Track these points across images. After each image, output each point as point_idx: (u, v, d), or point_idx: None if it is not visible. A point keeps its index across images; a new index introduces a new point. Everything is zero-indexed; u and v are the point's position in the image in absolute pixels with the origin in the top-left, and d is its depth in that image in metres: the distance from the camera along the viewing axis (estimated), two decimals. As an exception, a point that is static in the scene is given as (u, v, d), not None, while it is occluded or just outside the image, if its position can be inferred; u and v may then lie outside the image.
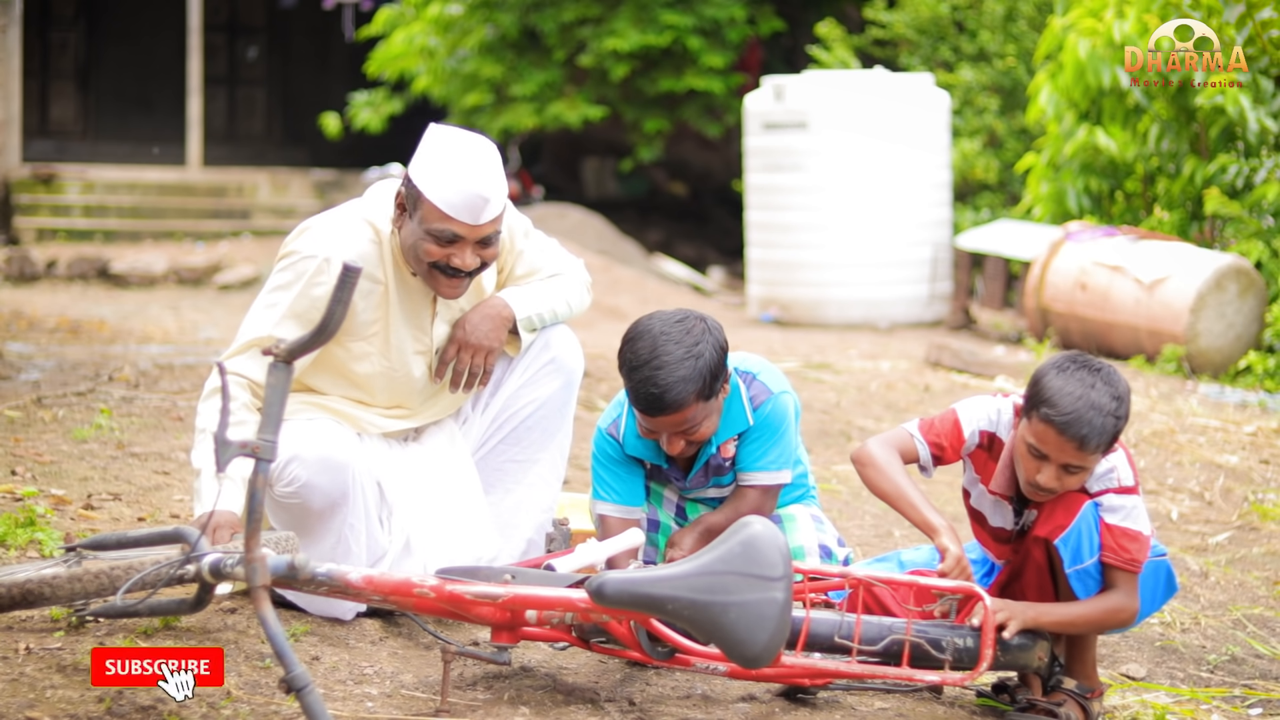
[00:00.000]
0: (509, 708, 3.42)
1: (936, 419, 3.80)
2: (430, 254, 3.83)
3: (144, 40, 20.59)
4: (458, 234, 3.80)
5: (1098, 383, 3.52)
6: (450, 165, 3.79)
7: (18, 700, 3.11)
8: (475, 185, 3.79)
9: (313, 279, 3.83)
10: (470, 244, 3.83)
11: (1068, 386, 3.51)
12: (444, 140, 3.86)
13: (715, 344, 3.84)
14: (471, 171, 3.80)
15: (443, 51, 16.87)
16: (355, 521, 3.85)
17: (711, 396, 3.85)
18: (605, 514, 4.06)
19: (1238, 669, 4.37)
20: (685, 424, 3.84)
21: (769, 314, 12.32)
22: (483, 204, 3.80)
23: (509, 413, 4.19)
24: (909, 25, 14.76)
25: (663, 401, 3.79)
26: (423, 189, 3.80)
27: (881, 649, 3.52)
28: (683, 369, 3.78)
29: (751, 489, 4.06)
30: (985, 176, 13.72)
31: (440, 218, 3.79)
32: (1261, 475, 6.55)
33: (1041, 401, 3.53)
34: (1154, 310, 9.31)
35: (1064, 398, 3.50)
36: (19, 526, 4.24)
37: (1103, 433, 3.49)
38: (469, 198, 3.78)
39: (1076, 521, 3.58)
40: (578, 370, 4.22)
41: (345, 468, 3.79)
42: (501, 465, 4.21)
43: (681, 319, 3.87)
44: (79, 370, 7.59)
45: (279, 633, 3.00)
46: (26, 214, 17.12)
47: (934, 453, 3.78)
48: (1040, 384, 3.56)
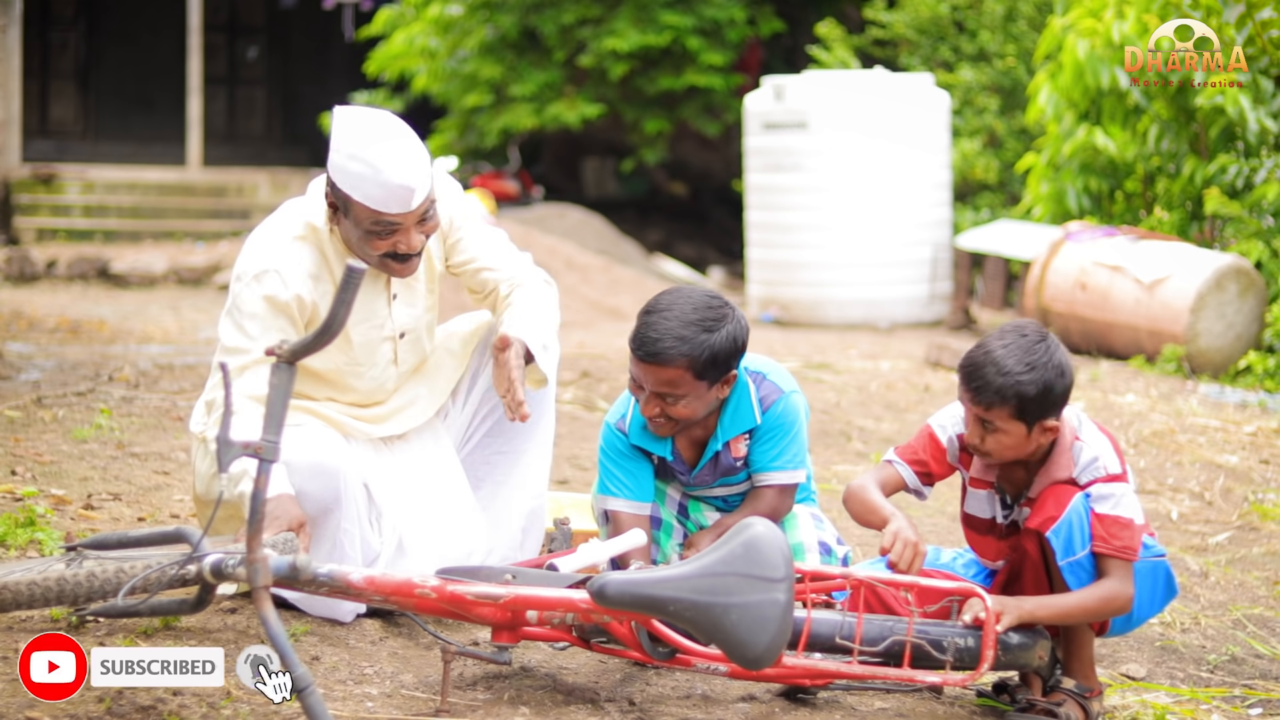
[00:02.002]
0: (509, 708, 3.42)
1: (913, 440, 3.83)
2: (377, 247, 3.81)
3: (144, 40, 20.60)
4: (396, 223, 3.78)
5: (1014, 345, 3.58)
6: (368, 160, 3.72)
7: (18, 700, 3.11)
8: (397, 177, 3.71)
9: (265, 289, 3.82)
10: (411, 227, 3.81)
11: (987, 341, 3.62)
12: (353, 130, 3.77)
13: (730, 335, 3.83)
14: (388, 163, 3.71)
15: (443, 52, 16.88)
16: (349, 525, 3.84)
17: (703, 379, 3.83)
18: (615, 509, 4.04)
19: (1238, 669, 4.37)
20: (665, 387, 3.82)
21: (769, 314, 12.32)
22: (409, 194, 3.74)
23: (490, 405, 4.19)
24: (909, 25, 14.76)
25: (654, 347, 3.77)
26: (348, 191, 3.75)
27: (883, 649, 3.52)
28: (687, 330, 3.77)
29: (768, 489, 4.06)
30: (985, 176, 13.73)
31: (373, 215, 3.76)
32: (1261, 475, 6.55)
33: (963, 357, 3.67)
34: (1154, 310, 9.31)
35: (975, 350, 3.62)
36: (19, 526, 4.24)
37: (997, 391, 3.54)
38: (394, 191, 3.73)
39: (1067, 513, 3.59)
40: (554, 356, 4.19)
41: (336, 473, 3.78)
42: (489, 458, 4.21)
43: (713, 298, 3.88)
44: (79, 370, 7.60)
45: (280, 633, 3.00)
46: (26, 214, 17.12)
47: (918, 471, 3.80)
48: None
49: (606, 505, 4.07)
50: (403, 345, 4.04)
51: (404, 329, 4.03)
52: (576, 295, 13.37)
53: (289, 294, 3.83)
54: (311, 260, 3.89)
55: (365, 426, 4.03)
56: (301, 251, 3.89)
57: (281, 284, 3.83)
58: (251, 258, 3.88)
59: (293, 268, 3.86)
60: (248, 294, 3.85)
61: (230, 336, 3.86)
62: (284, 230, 3.92)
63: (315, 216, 3.91)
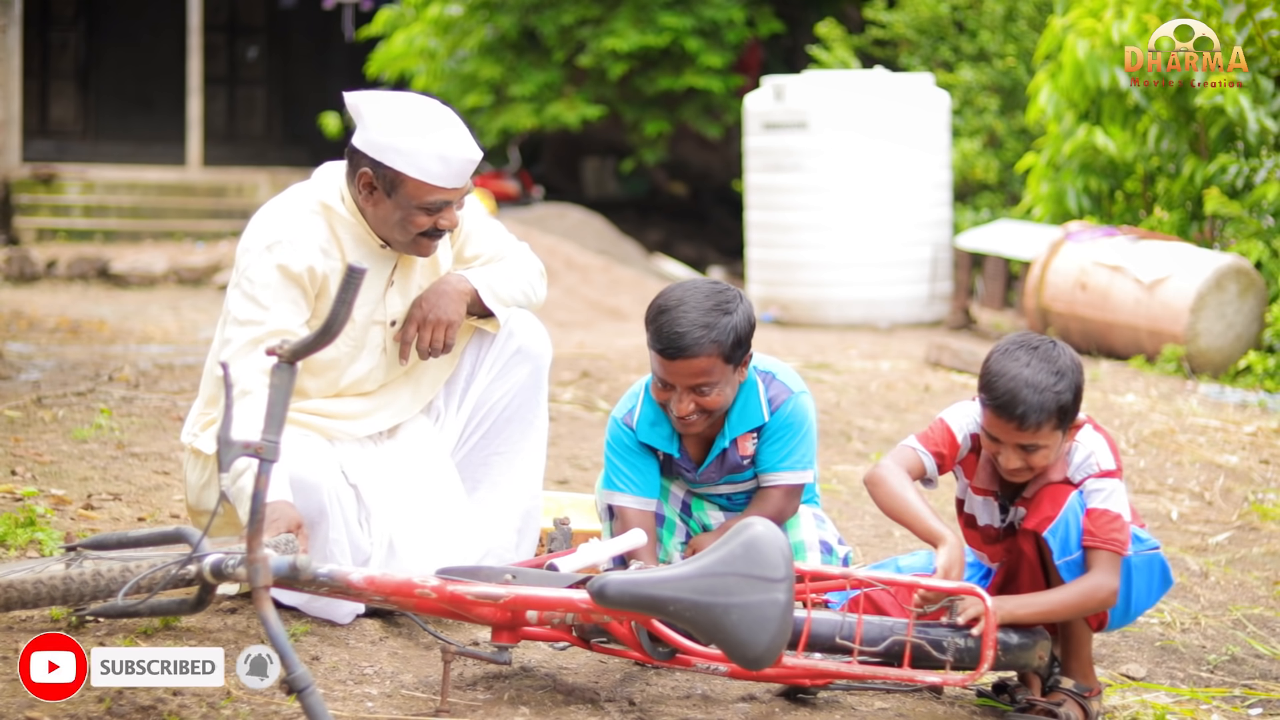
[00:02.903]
0: (509, 708, 3.42)
1: (930, 429, 3.82)
2: (420, 225, 3.85)
3: (144, 40, 20.60)
4: (448, 200, 3.84)
5: (1034, 360, 3.57)
6: (423, 136, 3.78)
7: (18, 700, 3.11)
8: (460, 150, 3.81)
9: (277, 258, 3.82)
10: (455, 203, 3.88)
11: (1003, 367, 3.58)
12: (394, 110, 3.83)
13: (745, 314, 3.86)
14: (449, 137, 3.81)
15: (443, 52, 16.89)
16: (336, 535, 3.82)
17: (731, 361, 3.85)
18: (621, 504, 4.05)
19: (1238, 669, 4.37)
20: (700, 378, 3.83)
21: (769, 314, 12.32)
22: (471, 166, 3.85)
23: (485, 408, 4.18)
24: (909, 25, 14.76)
25: (683, 341, 3.78)
26: (401, 168, 3.78)
27: (883, 650, 3.52)
28: (709, 317, 3.80)
29: (775, 489, 4.06)
30: (985, 176, 13.73)
31: (429, 191, 3.80)
32: (1261, 475, 6.55)
33: (982, 387, 3.61)
34: (1154, 310, 9.31)
35: (999, 380, 3.57)
36: (19, 526, 4.24)
37: (1041, 409, 3.52)
38: (458, 165, 3.81)
39: (1063, 512, 3.59)
40: (545, 354, 4.19)
41: (318, 488, 3.76)
42: (486, 459, 4.20)
43: (716, 283, 3.93)
44: (79, 370, 7.60)
45: (281, 633, 3.00)
46: (26, 214, 17.12)
47: (937, 462, 3.80)
48: (983, 369, 3.65)
49: (612, 500, 4.08)
50: (391, 333, 4.05)
51: (394, 318, 4.04)
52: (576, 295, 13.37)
53: (301, 265, 3.83)
54: (322, 234, 3.89)
55: (346, 425, 4.01)
56: (313, 223, 3.89)
57: (294, 254, 3.82)
58: (261, 229, 3.88)
59: (305, 239, 3.85)
60: (259, 264, 3.83)
61: (241, 308, 3.82)
62: (294, 205, 3.92)
63: (327, 195, 3.91)
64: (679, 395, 3.88)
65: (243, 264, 3.87)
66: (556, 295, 13.17)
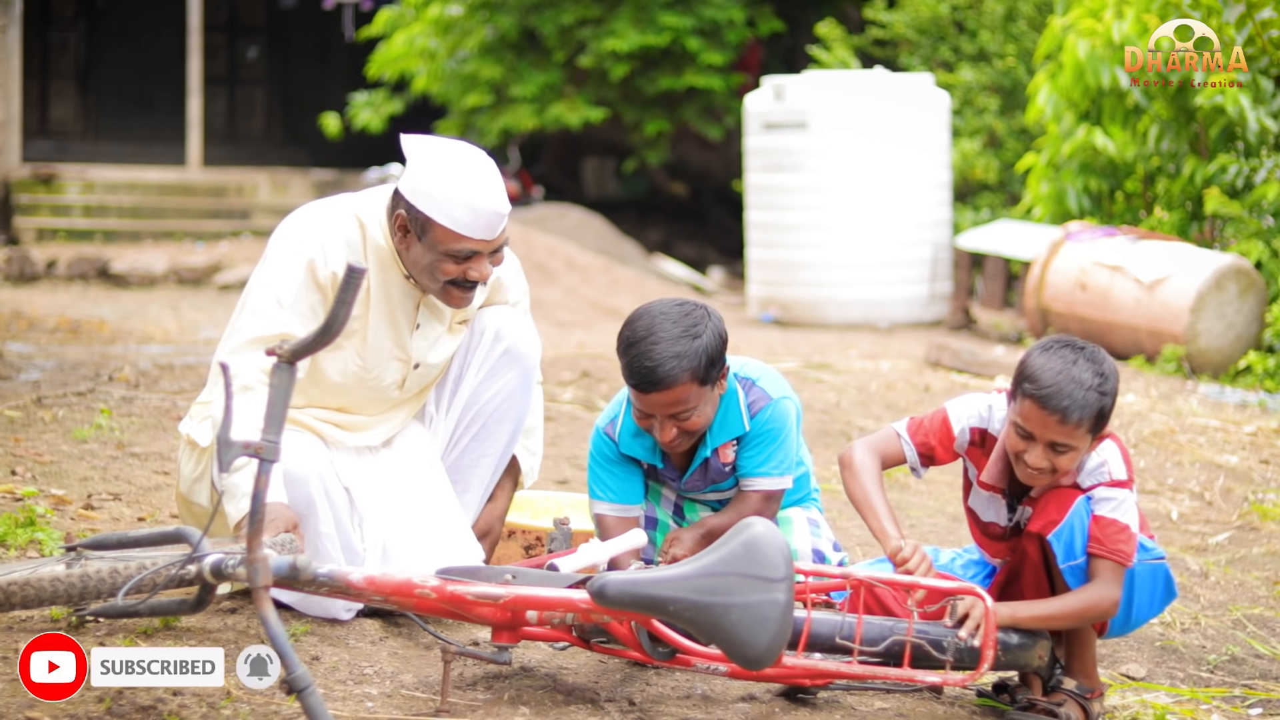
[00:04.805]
0: (509, 708, 3.42)
1: (926, 418, 3.81)
2: (448, 273, 3.82)
3: (144, 40, 20.60)
4: (476, 250, 3.81)
5: (1080, 359, 3.56)
6: (455, 184, 3.75)
7: (18, 700, 3.11)
8: (488, 202, 3.77)
9: (307, 255, 3.82)
10: (486, 255, 3.84)
11: (1049, 363, 3.56)
12: (436, 156, 3.81)
13: (715, 331, 3.83)
14: (479, 188, 3.76)
15: (443, 52, 16.88)
16: (326, 529, 3.83)
17: (707, 383, 3.83)
18: (602, 514, 4.06)
19: (1238, 669, 4.37)
20: (678, 406, 3.82)
21: (769, 314, 12.32)
22: (499, 219, 3.80)
23: (474, 410, 4.16)
24: (909, 25, 14.76)
25: (656, 375, 3.77)
26: (431, 214, 3.76)
27: (883, 650, 3.52)
28: (679, 345, 3.77)
29: (753, 494, 4.05)
30: (985, 176, 13.73)
31: (456, 239, 3.77)
32: (1261, 475, 6.55)
33: (1025, 379, 3.59)
34: (1154, 310, 9.31)
35: (1045, 373, 3.54)
36: (19, 526, 4.24)
37: (1084, 407, 3.51)
38: (486, 216, 3.77)
39: (1069, 517, 3.59)
40: (534, 354, 4.17)
41: (306, 480, 3.77)
42: (476, 461, 4.19)
43: (682, 304, 3.89)
44: (79, 370, 7.60)
45: (281, 633, 3.00)
46: (26, 214, 17.12)
47: (922, 452, 3.79)
48: (1024, 363, 3.62)
49: (594, 509, 4.10)
50: (414, 375, 4.04)
51: (417, 361, 4.03)
52: (576, 295, 13.38)
53: (327, 271, 3.83)
54: (352, 248, 3.88)
55: (342, 435, 4.01)
56: (346, 234, 3.88)
57: (323, 258, 3.83)
58: (296, 228, 3.89)
59: (335, 247, 3.85)
60: (288, 258, 3.83)
61: (259, 300, 3.82)
62: (331, 214, 3.92)
63: (367, 215, 3.91)
64: (660, 423, 3.87)
65: (272, 254, 3.88)
66: (556, 295, 13.18)
